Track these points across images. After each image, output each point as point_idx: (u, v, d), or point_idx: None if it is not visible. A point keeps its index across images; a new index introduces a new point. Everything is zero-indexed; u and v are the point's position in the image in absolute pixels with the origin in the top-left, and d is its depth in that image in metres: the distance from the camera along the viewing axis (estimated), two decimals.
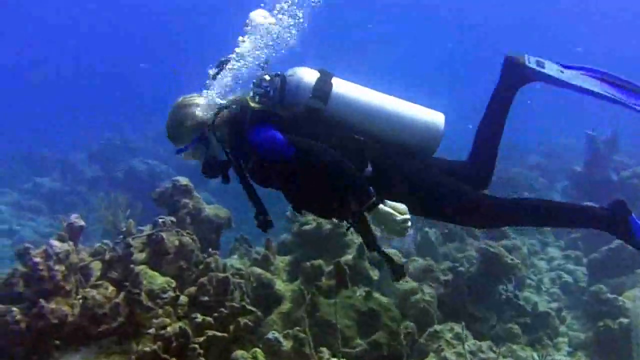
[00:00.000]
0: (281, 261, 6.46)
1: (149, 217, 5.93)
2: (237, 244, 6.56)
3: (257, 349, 4.66)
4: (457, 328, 5.79)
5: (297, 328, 5.13)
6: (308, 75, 3.18)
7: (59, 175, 20.50)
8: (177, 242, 5.33)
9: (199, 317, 4.33)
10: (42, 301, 4.25)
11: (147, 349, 3.92)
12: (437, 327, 5.79)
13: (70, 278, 4.58)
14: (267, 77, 3.21)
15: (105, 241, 5.12)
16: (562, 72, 3.37)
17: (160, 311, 4.55)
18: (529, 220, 3.51)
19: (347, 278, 4.64)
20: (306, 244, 6.60)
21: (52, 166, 21.70)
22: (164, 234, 5.20)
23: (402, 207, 2.84)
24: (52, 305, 4.30)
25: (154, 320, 4.45)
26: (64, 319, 4.30)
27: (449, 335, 5.71)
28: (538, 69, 3.36)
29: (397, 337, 5.45)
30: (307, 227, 6.59)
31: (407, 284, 6.23)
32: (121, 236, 5.31)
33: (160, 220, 5.26)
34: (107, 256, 4.82)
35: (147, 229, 5.76)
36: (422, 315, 5.95)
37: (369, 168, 3.05)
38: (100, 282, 4.48)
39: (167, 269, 5.16)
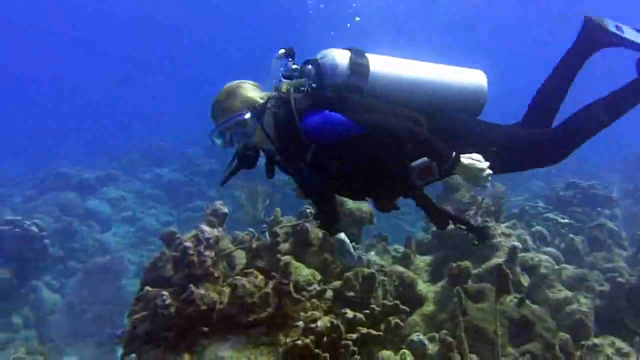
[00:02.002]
0: (421, 261, 6.22)
1: (287, 209, 5.89)
2: (374, 241, 6.38)
3: (405, 351, 4.46)
4: (619, 343, 5.31)
5: (444, 332, 4.86)
6: (340, 55, 3.08)
7: (178, 167, 21.28)
8: (320, 234, 5.22)
9: (350, 313, 4.16)
10: (191, 286, 4.25)
11: (299, 342, 3.78)
12: (597, 340, 5.33)
13: (219, 264, 4.58)
14: (296, 66, 3.12)
15: (249, 229, 5.08)
16: None
17: (308, 304, 4.44)
18: (604, 121, 3.35)
19: (509, 283, 4.34)
20: (448, 245, 6.31)
21: (170, 158, 22.58)
22: (308, 225, 5.10)
23: (477, 155, 2.85)
24: (202, 291, 4.30)
25: (303, 313, 4.35)
26: (212, 306, 4.31)
27: (609, 350, 5.26)
28: (618, 32, 3.26)
29: (553, 349, 5.06)
30: (448, 227, 6.29)
31: (560, 292, 5.81)
32: (265, 225, 5.27)
33: (307, 210, 5.17)
34: (253, 244, 4.77)
35: (285, 220, 5.71)
36: (577, 327, 5.51)
37: None
38: (249, 270, 4.41)
39: (311, 260, 5.07)
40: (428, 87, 3.16)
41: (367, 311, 4.31)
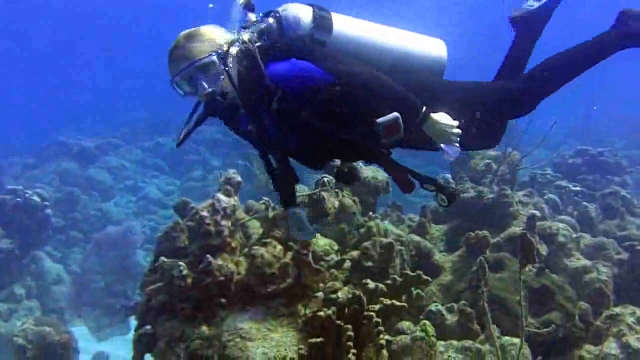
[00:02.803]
0: (437, 230, 6.14)
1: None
2: (389, 210, 6.30)
3: (426, 322, 4.38)
4: None
5: (463, 302, 4.81)
6: (304, 8, 2.93)
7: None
8: (337, 204, 5.13)
9: (371, 284, 4.08)
10: (209, 257, 4.17)
11: (321, 314, 3.71)
12: (617, 309, 5.28)
13: (236, 235, 4.50)
14: (256, 18, 2.94)
15: (265, 199, 4.99)
16: None
17: (327, 275, 4.37)
18: (572, 73, 3.31)
19: (535, 253, 4.27)
20: (464, 214, 6.23)
21: (172, 127, 22.41)
22: (325, 194, 5.00)
23: (444, 114, 2.77)
24: (219, 262, 4.22)
25: (322, 285, 4.28)
26: (230, 277, 4.24)
27: (630, 320, 5.21)
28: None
29: (573, 319, 5.03)
30: (465, 195, 6.23)
31: (579, 262, 5.75)
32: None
33: (325, 179, 5.07)
34: (270, 214, 4.68)
35: (299, 190, 5.61)
36: (597, 297, 5.47)
37: None
38: (268, 240, 4.32)
39: (327, 230, 4.98)
40: (390, 48, 3.08)
41: (389, 282, 4.23)
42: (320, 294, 4.23)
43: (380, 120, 2.69)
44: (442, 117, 2.74)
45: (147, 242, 13.22)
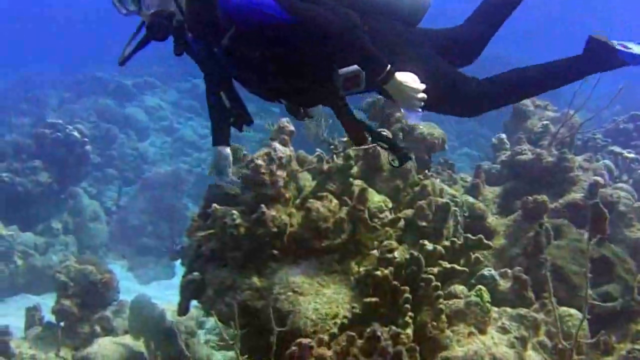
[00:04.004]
0: (490, 192, 5.99)
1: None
2: (439, 168, 6.14)
3: (481, 287, 4.27)
4: None
5: (518, 268, 4.68)
6: None
7: None
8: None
9: (429, 245, 3.97)
10: (263, 207, 4.10)
11: (378, 273, 3.62)
12: None
13: (290, 186, 4.41)
14: None
15: (318, 150, 4.87)
16: None
17: (382, 232, 4.27)
18: (529, 92, 3.38)
19: (606, 223, 4.11)
20: (520, 176, 6.05)
21: None
22: (380, 149, 4.86)
23: (412, 75, 2.61)
24: (273, 212, 4.14)
25: (376, 242, 4.18)
26: (283, 229, 4.17)
27: None
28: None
29: (632, 292, 4.88)
30: (522, 157, 6.04)
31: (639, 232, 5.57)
32: (332, 146, 5.04)
33: (383, 133, 4.90)
34: (324, 166, 4.56)
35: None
36: None
37: None
38: (324, 193, 4.22)
39: (381, 186, 4.87)
40: None
41: (447, 243, 4.13)
42: (375, 252, 4.15)
43: (341, 71, 2.56)
44: (407, 79, 2.58)
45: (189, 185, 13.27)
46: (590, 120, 7.00)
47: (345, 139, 5.76)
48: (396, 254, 3.96)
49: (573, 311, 4.38)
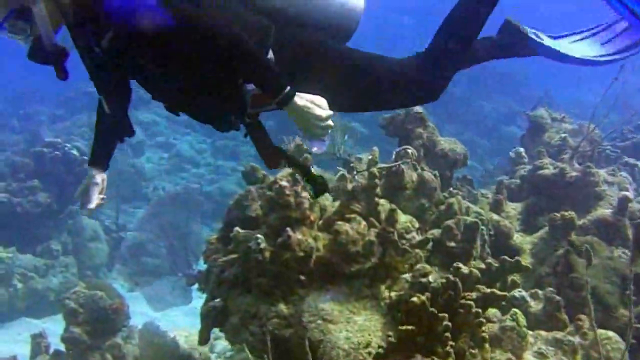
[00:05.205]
0: (512, 208, 5.87)
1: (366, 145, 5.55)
2: (457, 184, 6.02)
3: (516, 310, 4.15)
4: None
5: (550, 289, 4.56)
6: None
7: None
8: (415, 177, 4.87)
9: (464, 268, 3.84)
10: (288, 230, 3.96)
11: (415, 299, 3.48)
12: None
13: (314, 207, 4.28)
14: None
15: (340, 169, 4.75)
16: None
17: (413, 254, 4.15)
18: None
19: None
20: (542, 191, 5.94)
21: None
22: (404, 167, 4.75)
23: (320, 100, 2.30)
24: (299, 236, 4.01)
25: (407, 265, 4.06)
26: (310, 253, 4.02)
27: None
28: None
29: None
30: (544, 171, 5.93)
31: None
32: (352, 164, 4.93)
33: (408, 150, 4.81)
34: (348, 186, 4.44)
35: (365, 159, 5.36)
36: None
37: (270, 56, 2.44)
38: (352, 215, 4.10)
39: (405, 205, 4.75)
40: None
41: (483, 266, 4.00)
42: (406, 276, 4.02)
43: (249, 86, 2.36)
44: (310, 104, 2.28)
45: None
46: (595, 130, 6.89)
47: (361, 155, 5.67)
48: (431, 278, 3.83)
49: (611, 334, 4.26)
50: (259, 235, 4.05)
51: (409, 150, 4.86)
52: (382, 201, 4.53)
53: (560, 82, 26.13)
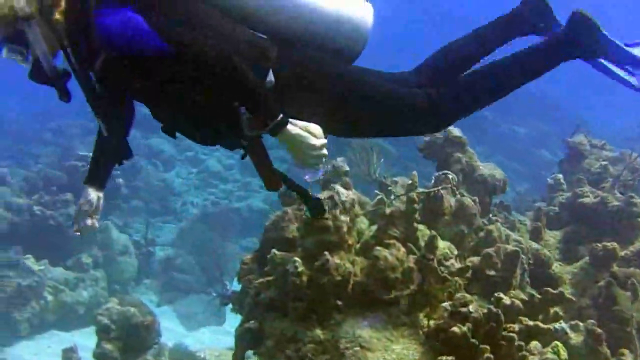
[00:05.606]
0: (551, 236, 5.77)
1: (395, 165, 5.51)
2: (495, 211, 5.92)
3: (558, 342, 4.06)
4: None
5: (591, 321, 4.44)
6: None
7: None
8: (454, 202, 4.81)
9: (506, 299, 3.78)
10: (327, 254, 3.92)
11: (456, 330, 3.43)
12: None
13: (352, 231, 4.23)
14: None
15: (378, 193, 4.71)
16: None
17: (452, 282, 4.08)
18: (502, 90, 2.81)
19: None
20: (581, 220, 5.84)
21: None
22: (443, 192, 4.69)
23: (315, 128, 2.23)
24: (337, 260, 3.97)
25: (446, 294, 3.99)
26: (347, 277, 3.97)
27: None
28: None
29: None
30: (585, 200, 5.84)
31: None
32: (389, 187, 4.89)
33: (449, 175, 4.76)
34: (387, 210, 4.39)
35: (400, 182, 5.32)
36: None
37: (270, 78, 2.33)
38: (390, 241, 4.05)
39: (443, 232, 4.69)
40: (282, 5, 2.45)
41: (524, 297, 3.92)
42: (446, 304, 3.95)
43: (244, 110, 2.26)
44: (304, 132, 2.21)
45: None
46: (637, 158, 6.77)
47: (397, 178, 5.62)
48: (471, 307, 3.76)
49: None
50: (296, 259, 4.01)
51: (450, 175, 4.80)
52: (420, 226, 4.48)
53: (591, 105, 25.86)
